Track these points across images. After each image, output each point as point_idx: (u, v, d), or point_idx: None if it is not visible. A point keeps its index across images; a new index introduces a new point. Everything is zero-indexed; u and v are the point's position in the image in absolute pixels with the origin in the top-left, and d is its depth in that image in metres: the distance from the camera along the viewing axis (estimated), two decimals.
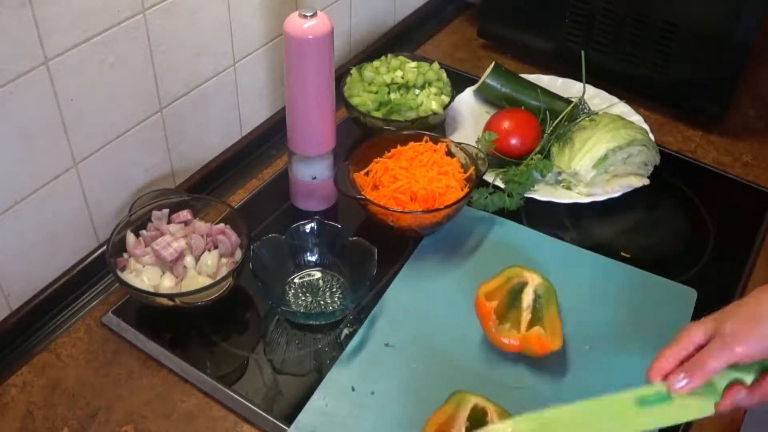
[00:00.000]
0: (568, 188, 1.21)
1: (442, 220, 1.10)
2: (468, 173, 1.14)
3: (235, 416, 0.93)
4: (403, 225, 1.10)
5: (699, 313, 0.98)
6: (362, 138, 1.25)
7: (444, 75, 1.32)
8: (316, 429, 0.90)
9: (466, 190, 1.11)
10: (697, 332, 0.77)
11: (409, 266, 1.10)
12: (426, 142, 1.17)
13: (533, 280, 1.01)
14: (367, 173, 1.14)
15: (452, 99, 1.30)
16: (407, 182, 1.10)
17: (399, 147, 1.17)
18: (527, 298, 0.99)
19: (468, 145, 1.18)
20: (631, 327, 1.03)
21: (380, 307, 1.04)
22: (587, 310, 1.05)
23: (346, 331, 1.02)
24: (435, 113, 1.26)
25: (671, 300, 1.06)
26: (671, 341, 0.78)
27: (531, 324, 0.97)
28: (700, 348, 0.76)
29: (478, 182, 1.13)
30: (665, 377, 0.77)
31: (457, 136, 1.27)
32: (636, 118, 1.32)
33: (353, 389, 0.95)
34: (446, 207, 1.08)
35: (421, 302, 1.05)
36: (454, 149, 1.16)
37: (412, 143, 1.17)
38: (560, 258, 1.12)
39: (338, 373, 0.96)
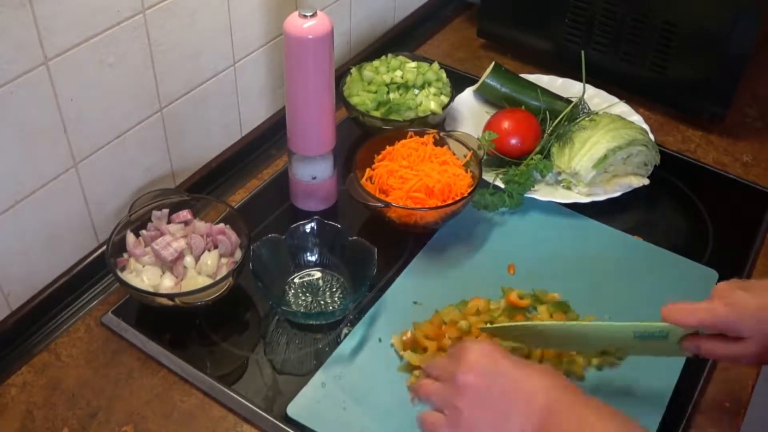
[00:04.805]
0: (568, 188, 1.21)
1: (463, 208, 1.12)
2: (467, 157, 1.15)
3: (235, 416, 0.93)
4: (429, 221, 1.11)
5: None
6: (360, 139, 1.25)
7: (444, 75, 1.32)
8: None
9: (470, 173, 1.14)
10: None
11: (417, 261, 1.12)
12: (411, 137, 1.17)
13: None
14: (370, 179, 1.14)
15: (452, 99, 1.30)
16: (419, 180, 1.11)
17: (388, 147, 1.17)
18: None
19: (453, 131, 1.20)
20: (649, 301, 1.04)
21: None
22: (608, 282, 1.08)
23: (345, 330, 1.02)
24: (434, 113, 1.26)
25: (692, 279, 1.09)
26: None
27: None
28: None
29: (482, 159, 1.16)
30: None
31: None
32: (636, 118, 1.32)
33: (380, 340, 1.00)
34: (470, 193, 1.10)
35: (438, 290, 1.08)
36: (440, 139, 1.18)
37: (402, 141, 1.17)
38: (582, 232, 1.16)
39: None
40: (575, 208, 1.19)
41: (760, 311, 0.80)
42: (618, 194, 1.19)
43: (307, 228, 1.08)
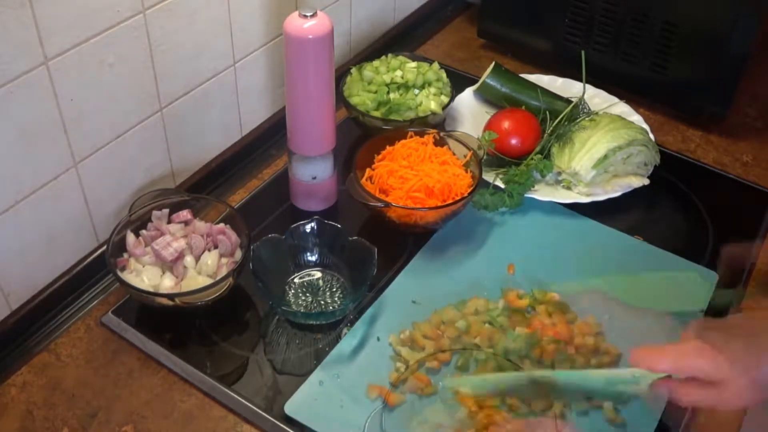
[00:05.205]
0: (568, 188, 1.21)
1: (463, 207, 1.12)
2: (467, 157, 1.15)
3: (235, 416, 0.93)
4: (429, 221, 1.10)
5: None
6: (360, 140, 1.25)
7: (444, 75, 1.32)
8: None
9: (470, 173, 1.14)
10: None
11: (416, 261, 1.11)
12: (411, 137, 1.17)
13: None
14: (370, 179, 1.14)
15: (452, 99, 1.30)
16: (419, 179, 1.11)
17: (389, 147, 1.17)
18: None
19: (453, 131, 1.20)
20: (649, 301, 1.06)
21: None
22: (609, 283, 1.08)
23: (345, 330, 1.02)
24: (434, 113, 1.26)
25: (692, 279, 1.09)
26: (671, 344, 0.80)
27: None
28: None
29: (482, 159, 1.16)
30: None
31: None
32: (636, 118, 1.32)
33: (378, 339, 1.01)
34: (470, 193, 1.10)
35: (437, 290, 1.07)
36: (440, 139, 1.18)
37: (402, 141, 1.17)
38: (582, 232, 1.16)
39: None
40: (575, 208, 1.19)
41: (733, 354, 0.75)
42: (618, 194, 1.19)
43: (307, 228, 1.08)
